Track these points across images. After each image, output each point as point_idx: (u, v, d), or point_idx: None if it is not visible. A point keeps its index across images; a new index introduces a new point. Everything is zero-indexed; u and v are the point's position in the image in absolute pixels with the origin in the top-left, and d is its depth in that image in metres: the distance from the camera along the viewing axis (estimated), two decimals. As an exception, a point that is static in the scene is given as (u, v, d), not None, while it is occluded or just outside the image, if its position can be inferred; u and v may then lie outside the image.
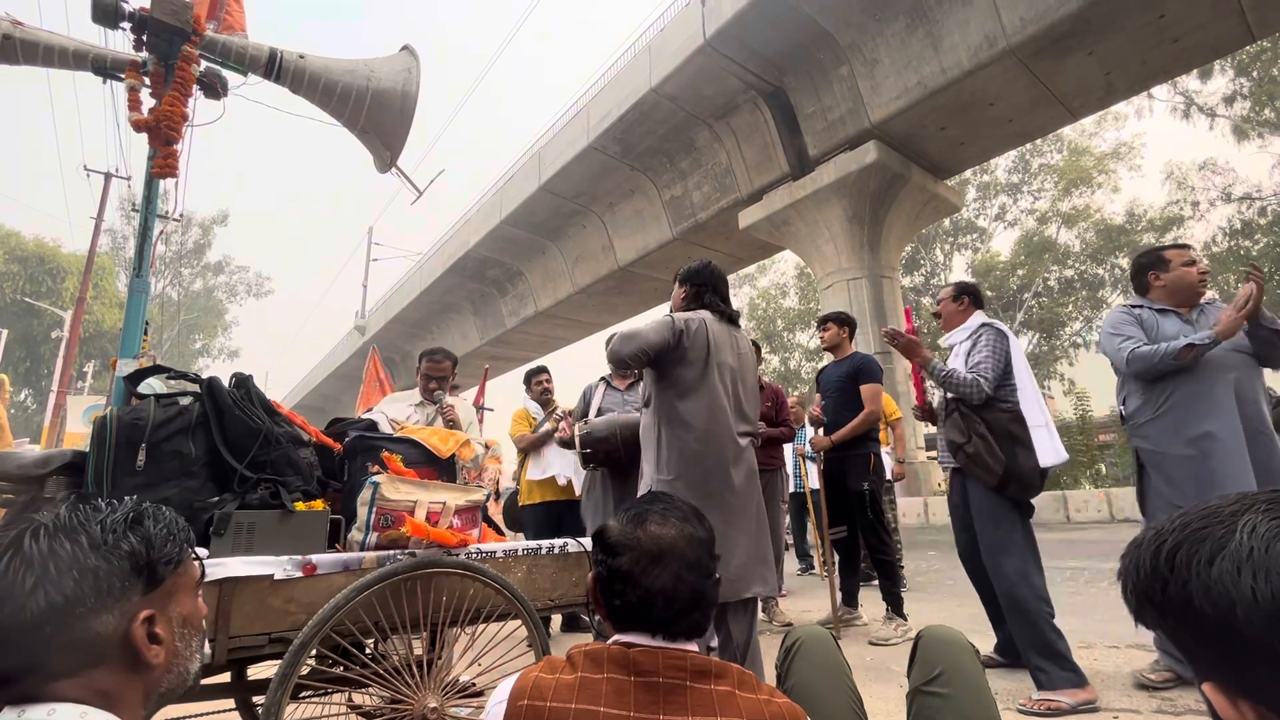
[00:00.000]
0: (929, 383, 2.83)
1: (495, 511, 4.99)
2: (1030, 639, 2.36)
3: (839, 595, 3.84)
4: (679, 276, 2.53)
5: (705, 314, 2.35)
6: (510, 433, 4.41)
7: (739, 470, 2.24)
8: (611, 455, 3.00)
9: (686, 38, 12.69)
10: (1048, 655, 2.31)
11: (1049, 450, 2.50)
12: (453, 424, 3.13)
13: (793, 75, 13.11)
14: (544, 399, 4.07)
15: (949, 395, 2.71)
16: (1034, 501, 2.60)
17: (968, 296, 2.88)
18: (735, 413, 2.29)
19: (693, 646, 0.91)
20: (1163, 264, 2.48)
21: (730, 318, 2.43)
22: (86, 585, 0.64)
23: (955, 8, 10.83)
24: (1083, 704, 2.19)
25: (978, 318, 2.82)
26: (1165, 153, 23.06)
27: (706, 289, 2.46)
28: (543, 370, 4.40)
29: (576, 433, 3.10)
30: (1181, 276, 2.44)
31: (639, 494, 2.45)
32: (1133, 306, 2.55)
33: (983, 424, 2.54)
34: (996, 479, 2.47)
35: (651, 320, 2.30)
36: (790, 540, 6.58)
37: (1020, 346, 2.71)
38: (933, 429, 3.15)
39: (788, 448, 5.18)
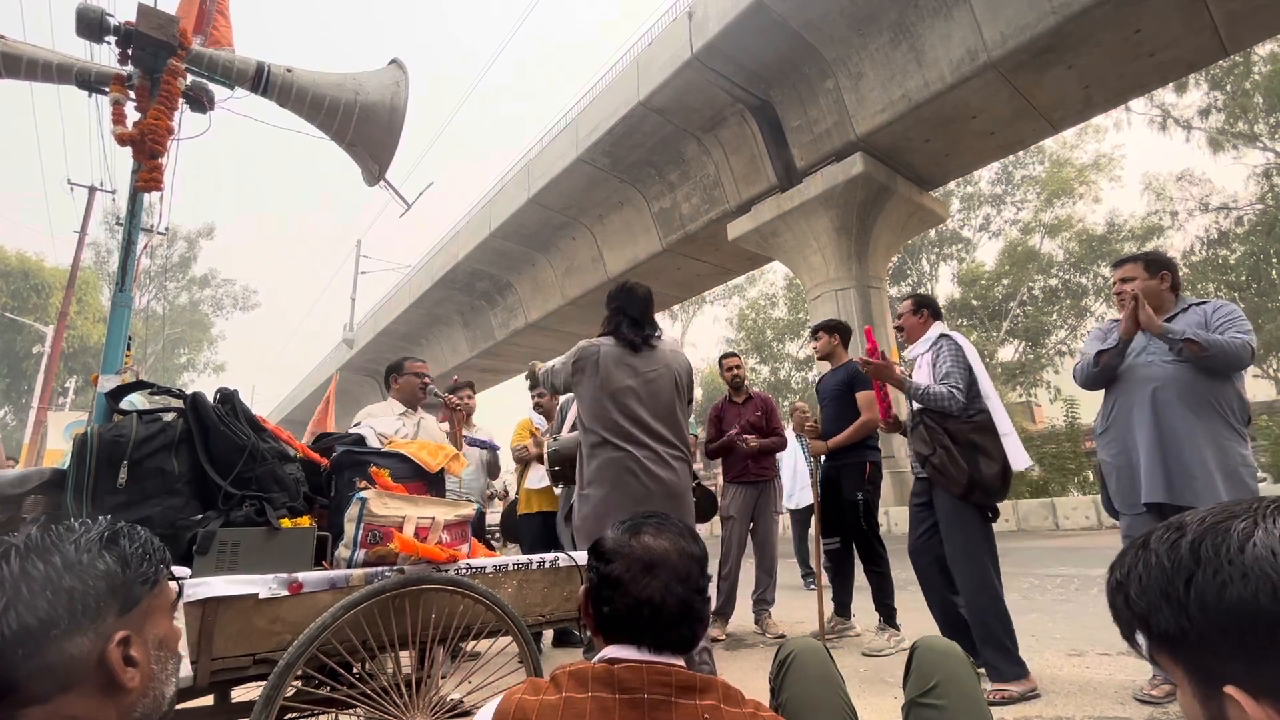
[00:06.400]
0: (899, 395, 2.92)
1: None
2: (986, 635, 2.54)
3: (831, 606, 3.84)
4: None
5: (605, 342, 2.48)
6: (510, 443, 4.43)
7: (650, 483, 2.35)
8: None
9: (674, 52, 12.82)
10: (1000, 650, 2.51)
11: (1019, 456, 2.62)
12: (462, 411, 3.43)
13: (779, 89, 13.27)
14: (545, 411, 4.11)
15: (916, 408, 2.82)
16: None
17: (927, 309, 3.02)
18: (640, 432, 2.39)
19: (679, 661, 0.90)
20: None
21: (632, 344, 2.47)
22: (60, 606, 0.62)
23: (937, 23, 11.04)
24: (1028, 692, 2.43)
25: (936, 328, 2.94)
26: (1144, 164, 23.58)
27: (619, 314, 2.54)
28: None
29: (545, 449, 3.11)
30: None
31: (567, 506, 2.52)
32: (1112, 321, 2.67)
33: (946, 435, 2.66)
34: (961, 488, 2.59)
35: (564, 358, 2.52)
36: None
37: (976, 353, 2.81)
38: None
39: (784, 457, 5.16)
